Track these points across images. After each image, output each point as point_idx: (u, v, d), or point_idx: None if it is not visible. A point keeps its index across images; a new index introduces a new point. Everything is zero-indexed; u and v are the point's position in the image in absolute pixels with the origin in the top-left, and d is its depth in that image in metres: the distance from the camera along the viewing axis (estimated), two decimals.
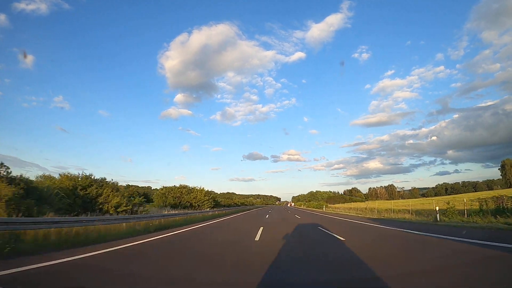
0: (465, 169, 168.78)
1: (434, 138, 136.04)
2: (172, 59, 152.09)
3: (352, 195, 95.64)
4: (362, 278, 4.24)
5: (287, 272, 4.72)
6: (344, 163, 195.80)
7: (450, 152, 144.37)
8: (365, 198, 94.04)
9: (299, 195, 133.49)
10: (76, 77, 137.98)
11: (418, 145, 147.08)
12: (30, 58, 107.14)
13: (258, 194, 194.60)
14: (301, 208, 62.36)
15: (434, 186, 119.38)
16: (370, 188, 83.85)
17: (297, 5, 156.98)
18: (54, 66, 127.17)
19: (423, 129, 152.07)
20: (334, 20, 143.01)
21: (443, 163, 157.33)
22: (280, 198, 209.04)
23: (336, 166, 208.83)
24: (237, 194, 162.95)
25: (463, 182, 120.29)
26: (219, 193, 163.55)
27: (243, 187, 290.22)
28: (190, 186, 39.40)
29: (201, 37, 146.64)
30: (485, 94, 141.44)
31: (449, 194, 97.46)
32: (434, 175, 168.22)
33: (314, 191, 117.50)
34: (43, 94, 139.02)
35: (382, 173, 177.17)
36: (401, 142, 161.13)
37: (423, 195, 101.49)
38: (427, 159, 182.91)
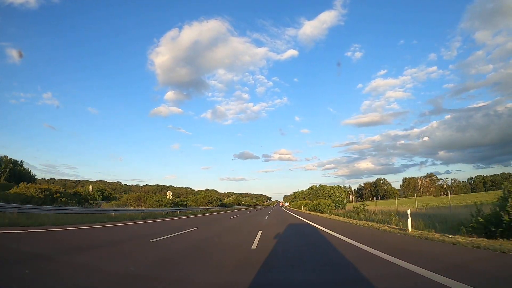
0: (456, 170, 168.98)
1: (425, 138, 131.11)
2: (162, 55, 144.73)
3: (378, 189, 68.55)
4: None
5: None
6: (336, 163, 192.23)
7: (441, 153, 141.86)
8: (403, 194, 68.15)
9: (296, 192, 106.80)
10: (65, 73, 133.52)
11: (409, 146, 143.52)
12: (17, 53, 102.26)
13: (247, 193, 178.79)
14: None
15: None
16: (405, 178, 59.56)
17: (289, 1, 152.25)
18: (42, 62, 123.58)
19: (415, 130, 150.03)
20: (327, 17, 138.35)
21: (434, 164, 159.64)
22: (270, 198, 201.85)
23: (327, 166, 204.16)
24: (220, 193, 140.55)
25: (502, 173, 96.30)
26: (196, 190, 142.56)
27: (234, 186, 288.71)
28: None
29: (192, 32, 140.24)
30: (477, 95, 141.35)
31: (489, 190, 78.16)
32: (424, 175, 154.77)
33: (317, 185, 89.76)
34: (31, 90, 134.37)
35: (373, 173, 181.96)
36: (392, 142, 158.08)
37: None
38: (418, 159, 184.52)
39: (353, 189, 76.48)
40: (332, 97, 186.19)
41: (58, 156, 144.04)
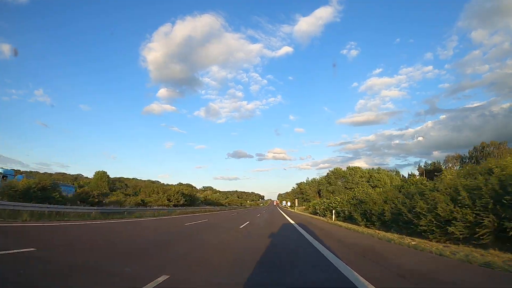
0: None
1: (420, 138, 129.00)
2: (155, 51, 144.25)
3: (492, 168, 37.67)
4: None
5: None
6: (330, 163, 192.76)
7: (435, 153, 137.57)
8: None
9: (302, 184, 74.60)
10: (56, 70, 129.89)
11: (404, 146, 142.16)
12: (8, 49, 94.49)
13: (236, 190, 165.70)
14: None
15: None
16: None
17: None
18: (33, 58, 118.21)
19: (410, 130, 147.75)
20: (323, 13, 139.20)
21: (428, 164, 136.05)
22: (264, 196, 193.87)
23: (321, 165, 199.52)
24: (196, 189, 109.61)
25: None
26: (166, 184, 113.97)
27: (229, 186, 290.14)
28: None
29: (185, 27, 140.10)
30: (472, 95, 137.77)
31: None
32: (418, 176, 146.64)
33: (344, 169, 56.75)
34: (23, 87, 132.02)
35: None
36: (387, 142, 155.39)
37: None
38: (412, 159, 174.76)
39: (417, 171, 46.08)
40: (327, 96, 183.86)
41: (51, 154, 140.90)
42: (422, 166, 44.06)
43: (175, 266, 4.52)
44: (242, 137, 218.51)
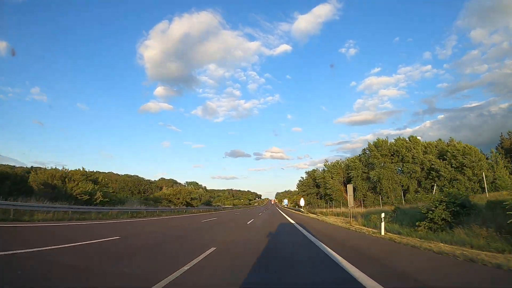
0: None
1: (418, 138, 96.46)
2: (152, 48, 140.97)
3: None
4: None
5: None
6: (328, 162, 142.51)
7: None
8: None
9: (315, 171, 61.09)
10: (53, 68, 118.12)
11: None
12: (4, 46, 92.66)
13: (232, 189, 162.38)
14: None
15: None
16: None
17: None
18: (31, 56, 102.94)
19: (408, 129, 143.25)
20: (322, 11, 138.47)
21: None
22: (261, 195, 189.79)
23: (319, 165, 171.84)
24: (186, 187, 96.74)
25: None
26: (147, 179, 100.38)
27: (226, 185, 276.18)
28: None
29: (182, 25, 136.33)
30: (471, 95, 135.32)
31: None
32: None
33: (391, 141, 40.94)
34: (19, 85, 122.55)
35: None
36: None
37: None
38: None
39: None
40: (325, 95, 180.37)
41: (48, 153, 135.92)
42: (506, 137, 33.51)
43: None
44: (239, 136, 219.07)
